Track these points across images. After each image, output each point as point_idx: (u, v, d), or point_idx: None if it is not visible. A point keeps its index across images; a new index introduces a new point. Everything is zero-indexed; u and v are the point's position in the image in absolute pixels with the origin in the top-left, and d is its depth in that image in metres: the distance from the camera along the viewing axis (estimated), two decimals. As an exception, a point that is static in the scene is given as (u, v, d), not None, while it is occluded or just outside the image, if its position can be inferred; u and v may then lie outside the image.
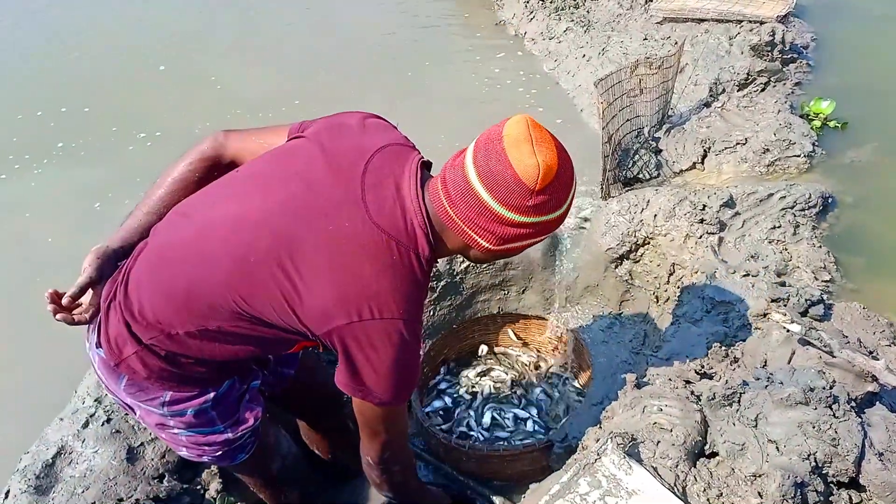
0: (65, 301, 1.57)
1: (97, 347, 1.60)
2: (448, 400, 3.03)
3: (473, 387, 3.08)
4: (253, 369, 1.83)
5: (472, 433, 2.85)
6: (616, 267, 3.19)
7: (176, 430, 1.70)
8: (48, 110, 5.37)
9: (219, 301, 1.45)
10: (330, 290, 1.39)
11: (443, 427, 2.86)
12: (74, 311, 1.58)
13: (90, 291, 1.58)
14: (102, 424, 2.24)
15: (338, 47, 5.98)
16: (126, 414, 2.24)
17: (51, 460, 2.17)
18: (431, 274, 1.58)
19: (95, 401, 2.29)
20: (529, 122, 1.37)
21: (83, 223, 4.06)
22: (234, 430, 1.75)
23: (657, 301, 3.04)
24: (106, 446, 2.20)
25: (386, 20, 6.35)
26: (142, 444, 2.25)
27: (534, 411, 2.95)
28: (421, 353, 1.58)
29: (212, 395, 1.67)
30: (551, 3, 5.84)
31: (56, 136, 5.01)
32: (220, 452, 1.77)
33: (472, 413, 2.93)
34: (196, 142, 1.73)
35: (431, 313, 3.17)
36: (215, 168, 1.69)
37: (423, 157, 1.55)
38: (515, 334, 3.31)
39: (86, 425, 2.24)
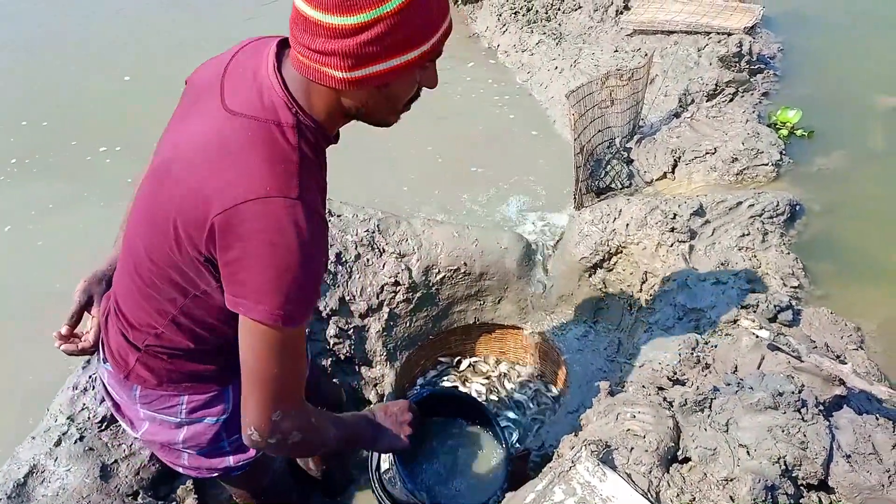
0: (64, 331, 1.59)
1: (104, 363, 1.60)
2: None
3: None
4: None
5: None
6: (590, 276, 3.22)
7: (182, 450, 1.68)
8: (5, 124, 5.26)
9: (152, 278, 1.40)
10: (195, 195, 1.25)
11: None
12: (74, 341, 1.60)
13: (88, 317, 1.59)
14: (75, 442, 2.22)
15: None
16: (124, 430, 2.19)
17: (22, 480, 2.13)
18: (318, 149, 1.34)
19: (68, 419, 2.27)
20: None
21: (32, 239, 4.03)
22: (238, 457, 1.72)
23: (630, 309, 3.08)
24: (79, 464, 2.17)
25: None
26: (115, 461, 2.23)
27: (511, 419, 2.96)
28: (324, 257, 1.33)
29: (230, 406, 1.64)
30: (523, 16, 5.89)
31: (10, 152, 4.90)
32: (216, 474, 1.76)
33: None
34: None
35: (408, 325, 3.18)
36: None
37: (284, 38, 1.35)
38: (492, 344, 3.32)
39: (58, 443, 2.21)
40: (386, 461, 2.03)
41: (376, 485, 2.02)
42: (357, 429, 1.67)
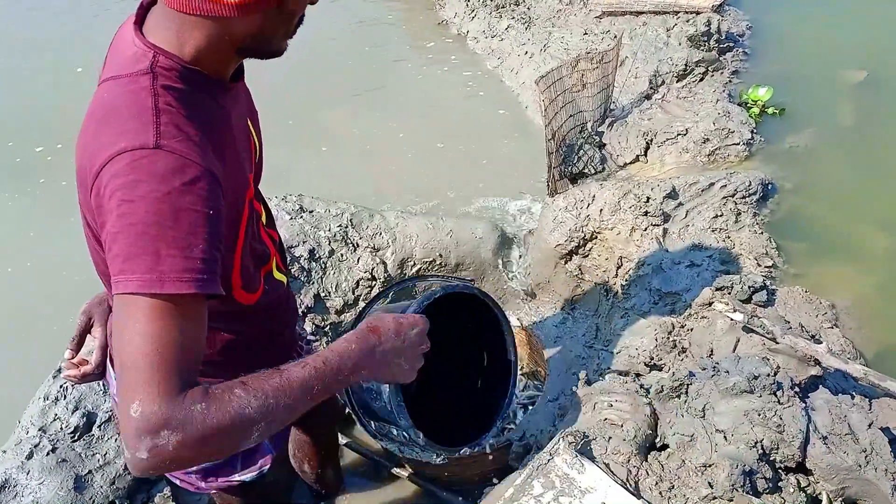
0: (67, 355, 1.52)
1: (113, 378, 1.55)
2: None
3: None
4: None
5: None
6: (566, 263, 3.21)
7: (193, 476, 1.62)
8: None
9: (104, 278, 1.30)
10: (81, 181, 1.13)
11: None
12: (78, 366, 1.53)
13: (92, 342, 1.54)
14: (48, 454, 2.18)
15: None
16: (98, 439, 2.15)
17: (-6, 495, 2.11)
18: (196, 94, 1.17)
19: (40, 430, 2.23)
20: None
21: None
22: (245, 472, 1.66)
23: (607, 295, 3.07)
24: (52, 477, 2.14)
25: (324, 22, 6.28)
26: (90, 471, 2.20)
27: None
28: (213, 209, 1.09)
29: None
30: (492, 1, 5.85)
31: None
32: (214, 490, 1.71)
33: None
34: None
35: (385, 319, 3.16)
36: None
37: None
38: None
39: (30, 456, 2.18)
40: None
41: (358, 412, 1.78)
42: (337, 368, 1.20)
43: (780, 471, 1.68)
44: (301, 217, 3.02)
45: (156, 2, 1.18)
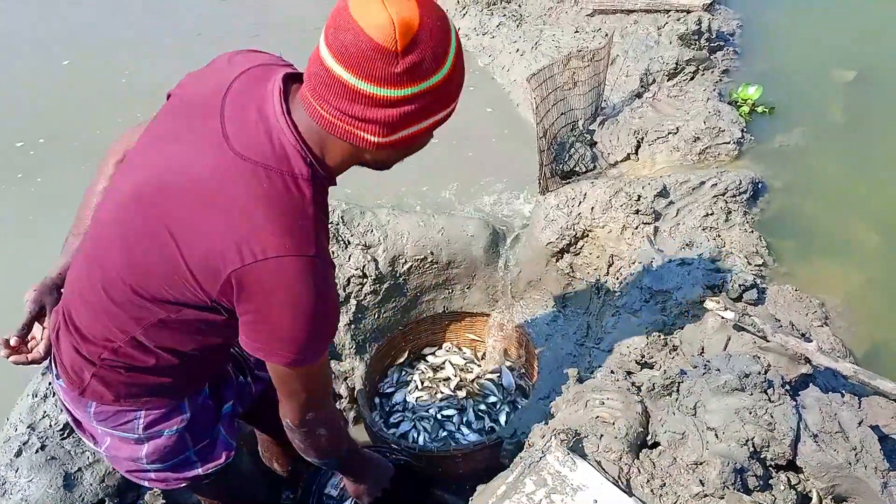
0: (13, 342, 1.52)
1: (58, 379, 1.55)
2: (399, 402, 3.02)
3: (424, 388, 3.08)
4: (229, 378, 1.78)
5: (433, 434, 2.85)
6: (557, 261, 3.22)
7: (146, 464, 1.63)
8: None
9: (121, 297, 1.36)
10: (206, 244, 1.23)
11: (392, 431, 2.85)
12: (25, 351, 1.54)
13: (38, 327, 1.54)
14: (36, 452, 2.16)
15: (261, 42, 5.84)
16: (87, 444, 2.13)
17: (-18, 493, 2.09)
18: (329, 204, 1.36)
19: (28, 427, 2.21)
20: None
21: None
22: (205, 466, 1.69)
23: (598, 293, 3.08)
24: (41, 474, 2.12)
25: (315, 22, 6.25)
26: (79, 469, 2.18)
27: (483, 407, 2.96)
28: (335, 296, 1.39)
29: (188, 413, 1.61)
30: (483, -2, 5.85)
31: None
32: (184, 485, 1.72)
33: (429, 417, 2.93)
34: (107, 148, 1.66)
35: (376, 316, 3.16)
36: None
37: (292, 70, 1.35)
38: (461, 332, 3.31)
39: (19, 454, 2.16)
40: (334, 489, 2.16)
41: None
42: (367, 461, 1.90)
43: (770, 468, 1.69)
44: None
45: (293, 80, 1.30)
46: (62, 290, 1.57)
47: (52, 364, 1.56)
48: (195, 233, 1.24)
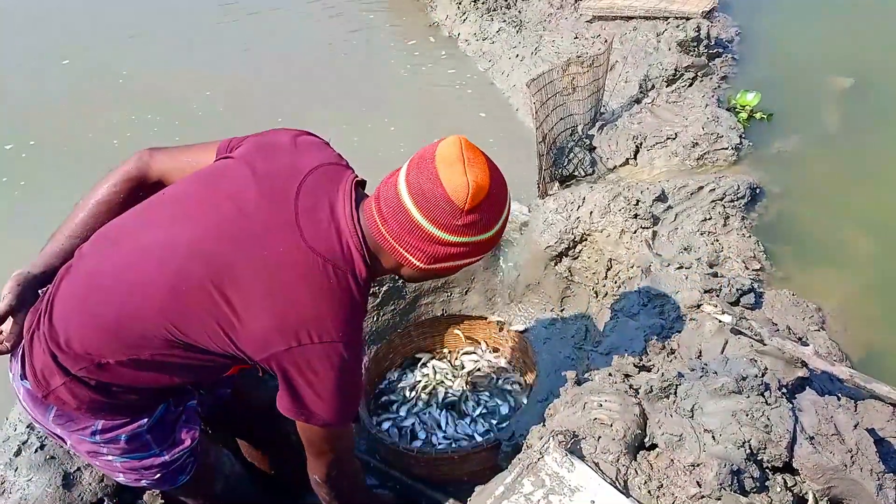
0: None
1: (22, 379, 1.54)
2: (396, 406, 3.02)
3: (422, 391, 3.08)
4: (188, 390, 1.79)
5: (433, 437, 2.85)
6: (556, 264, 3.23)
7: (110, 458, 1.65)
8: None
9: (151, 331, 1.42)
10: (267, 317, 1.38)
11: (390, 433, 2.85)
12: None
13: (10, 319, 1.52)
14: (36, 451, 2.17)
15: (265, 54, 5.86)
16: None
17: (-19, 492, 2.09)
18: (370, 292, 1.61)
19: (28, 427, 2.21)
20: (463, 142, 1.38)
21: None
22: (171, 451, 1.71)
23: (596, 296, 3.09)
24: (40, 474, 2.13)
25: (316, 27, 6.28)
26: (78, 469, 2.18)
27: (482, 410, 2.96)
28: (363, 371, 1.64)
29: (145, 420, 1.62)
30: (483, 3, 5.86)
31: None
32: (158, 476, 1.72)
33: (427, 419, 2.93)
34: (121, 161, 1.67)
35: (375, 319, 3.16)
36: (141, 188, 1.64)
37: (357, 177, 1.56)
38: (460, 335, 3.32)
39: (18, 453, 2.16)
40: None
41: None
42: (380, 500, 2.31)
43: (767, 470, 1.70)
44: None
45: (359, 185, 1.54)
46: (41, 290, 1.57)
47: (20, 364, 1.54)
48: (259, 306, 1.39)
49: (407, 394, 3.07)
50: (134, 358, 1.45)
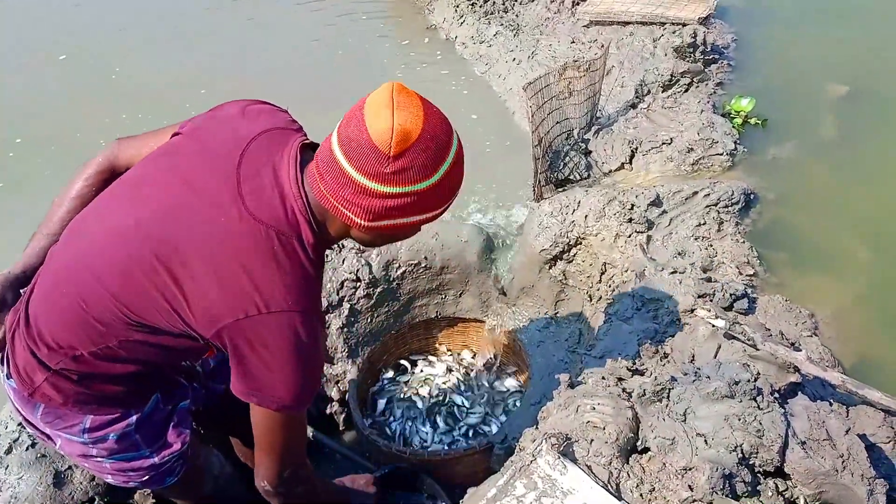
0: None
1: (8, 378, 1.55)
2: (390, 408, 3.02)
3: (416, 394, 3.08)
4: (181, 385, 1.78)
5: (426, 439, 2.86)
6: (550, 268, 3.23)
7: (99, 458, 1.64)
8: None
9: (109, 316, 1.40)
10: (213, 291, 1.33)
11: (383, 434, 2.85)
12: None
13: None
14: (27, 449, 2.16)
15: (260, 54, 5.86)
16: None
17: (-28, 490, 2.08)
18: (325, 263, 1.51)
19: (19, 425, 2.20)
20: (396, 86, 1.28)
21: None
22: (160, 454, 1.70)
23: (591, 300, 3.10)
24: (31, 472, 2.12)
25: (313, 26, 6.28)
26: (69, 467, 2.17)
27: (477, 412, 2.97)
28: (322, 349, 1.49)
29: (134, 417, 1.62)
30: (481, 7, 5.88)
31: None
32: (146, 477, 1.71)
33: (421, 422, 2.93)
34: (92, 156, 1.68)
35: (369, 320, 3.16)
36: (113, 179, 1.60)
37: (306, 139, 1.47)
38: (454, 338, 3.32)
39: (9, 451, 2.15)
40: None
41: None
42: (344, 497, 1.99)
43: (759, 475, 1.70)
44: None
45: (308, 148, 1.44)
46: (23, 290, 1.57)
47: (5, 364, 1.55)
48: (205, 281, 1.33)
49: (400, 396, 3.07)
50: (104, 347, 1.44)
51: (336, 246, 3.05)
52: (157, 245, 1.36)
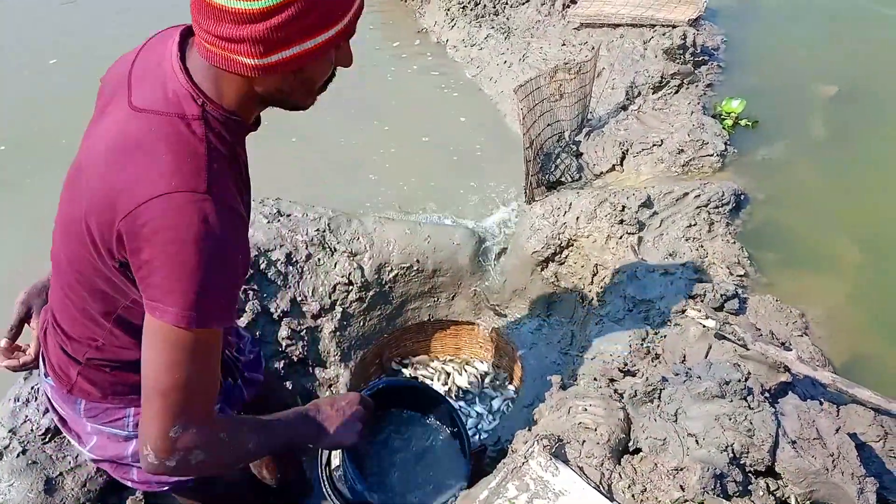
0: (2, 344, 1.55)
1: (46, 377, 1.55)
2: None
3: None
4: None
5: None
6: (542, 270, 3.24)
7: (132, 466, 1.62)
8: None
9: (78, 294, 1.37)
10: (105, 198, 1.19)
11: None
12: (17, 355, 1.57)
13: (28, 329, 1.56)
14: (17, 456, 2.15)
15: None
16: (69, 441, 2.10)
17: (-38, 497, 2.08)
18: (231, 141, 1.27)
19: (10, 431, 2.20)
20: None
21: None
22: None
23: (582, 302, 3.10)
24: (22, 479, 2.11)
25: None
26: (60, 473, 2.16)
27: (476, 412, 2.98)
28: (239, 253, 1.24)
29: None
30: (472, 10, 5.88)
31: None
32: (167, 487, 1.70)
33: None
34: None
35: (361, 324, 3.16)
36: None
37: (189, 26, 1.29)
38: (446, 341, 3.32)
39: None
40: (336, 457, 1.99)
41: (326, 483, 1.97)
42: (292, 429, 1.52)
43: (749, 474, 1.71)
44: (278, 221, 3.02)
45: (192, 33, 1.24)
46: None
47: (42, 363, 1.57)
48: (95, 191, 1.21)
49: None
50: (109, 329, 1.42)
51: (327, 249, 3.05)
52: (73, 192, 1.30)
